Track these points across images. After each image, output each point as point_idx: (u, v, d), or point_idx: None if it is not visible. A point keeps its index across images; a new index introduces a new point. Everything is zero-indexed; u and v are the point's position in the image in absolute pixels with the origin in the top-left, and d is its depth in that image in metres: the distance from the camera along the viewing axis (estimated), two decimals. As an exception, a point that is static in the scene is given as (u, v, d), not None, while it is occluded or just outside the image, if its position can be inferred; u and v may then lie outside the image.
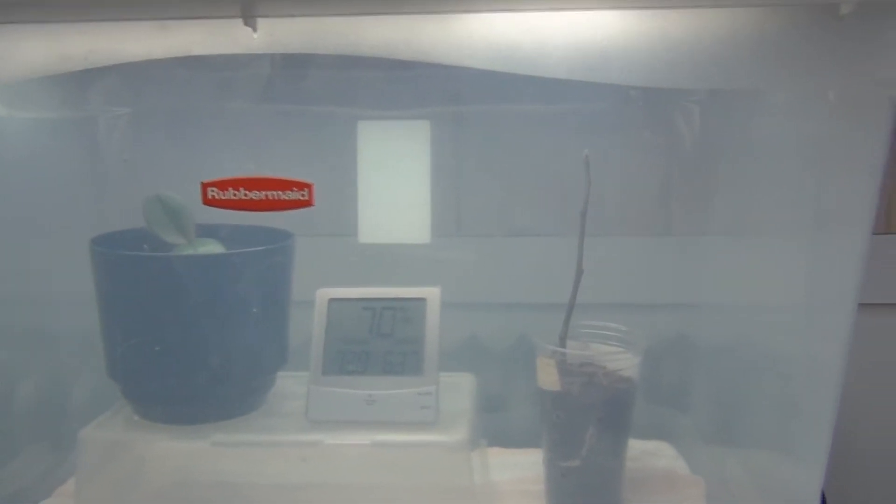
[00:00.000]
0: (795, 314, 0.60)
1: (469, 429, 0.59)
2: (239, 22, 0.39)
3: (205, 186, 0.48)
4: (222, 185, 0.48)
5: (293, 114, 0.83)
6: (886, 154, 0.44)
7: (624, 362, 0.65)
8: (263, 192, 0.48)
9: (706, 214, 0.80)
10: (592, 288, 0.71)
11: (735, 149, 0.72)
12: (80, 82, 0.73)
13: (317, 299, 0.62)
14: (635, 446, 0.77)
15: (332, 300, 0.62)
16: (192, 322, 0.60)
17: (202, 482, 0.59)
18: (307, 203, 0.49)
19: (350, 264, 0.75)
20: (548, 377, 0.66)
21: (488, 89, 0.83)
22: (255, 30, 0.40)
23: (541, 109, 0.85)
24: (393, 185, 0.84)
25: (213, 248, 0.61)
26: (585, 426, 0.64)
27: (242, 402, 0.63)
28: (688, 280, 0.81)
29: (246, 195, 0.48)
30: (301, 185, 0.48)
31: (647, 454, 0.77)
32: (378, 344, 0.60)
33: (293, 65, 0.77)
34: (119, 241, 0.61)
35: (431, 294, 0.61)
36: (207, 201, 0.49)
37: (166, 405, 0.62)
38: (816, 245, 0.54)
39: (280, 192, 0.48)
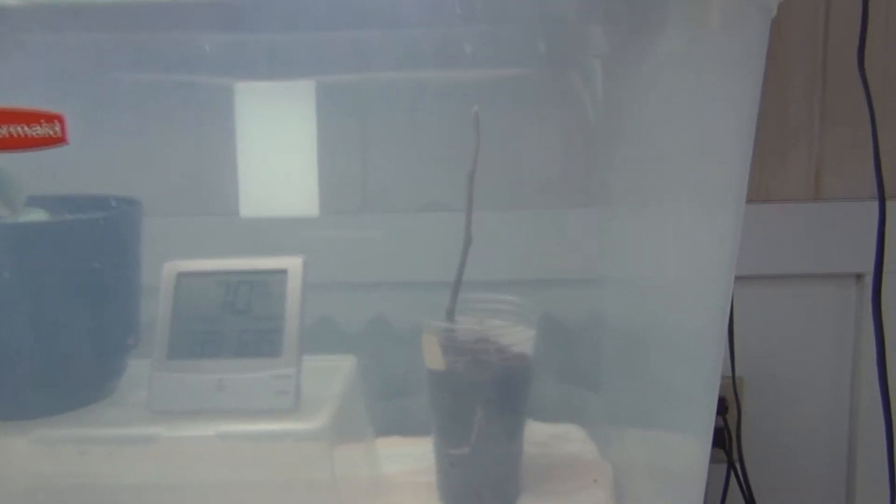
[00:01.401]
0: (687, 288, 0.55)
1: (334, 416, 0.52)
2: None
3: (-72, 121, 0.41)
4: (-50, 119, 0.40)
5: (166, 82, 0.75)
6: (760, 89, 0.38)
7: (515, 336, 0.59)
8: (3, 128, 0.40)
9: (612, 184, 0.75)
10: (495, 264, 0.66)
11: (634, 108, 0.67)
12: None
13: (163, 274, 0.55)
14: (543, 430, 0.71)
15: (180, 274, 0.55)
16: (19, 302, 0.52)
17: (28, 485, 0.52)
18: (59, 139, 0.41)
19: (232, 246, 0.68)
20: (432, 356, 0.59)
21: (395, 54, 0.77)
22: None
23: (444, 76, 0.80)
24: (276, 154, 0.77)
25: (38, 217, 0.53)
26: (473, 408, 0.58)
27: (83, 391, 0.55)
28: (596, 253, 0.76)
29: (-18, 133, 0.40)
30: (50, 118, 0.41)
31: (556, 438, 0.71)
32: (232, 323, 0.53)
33: (165, 26, 0.70)
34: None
35: (293, 265, 0.54)
36: (-69, 140, 0.41)
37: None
38: (701, 210, 0.49)
39: (25, 128, 0.40)
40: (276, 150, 0.77)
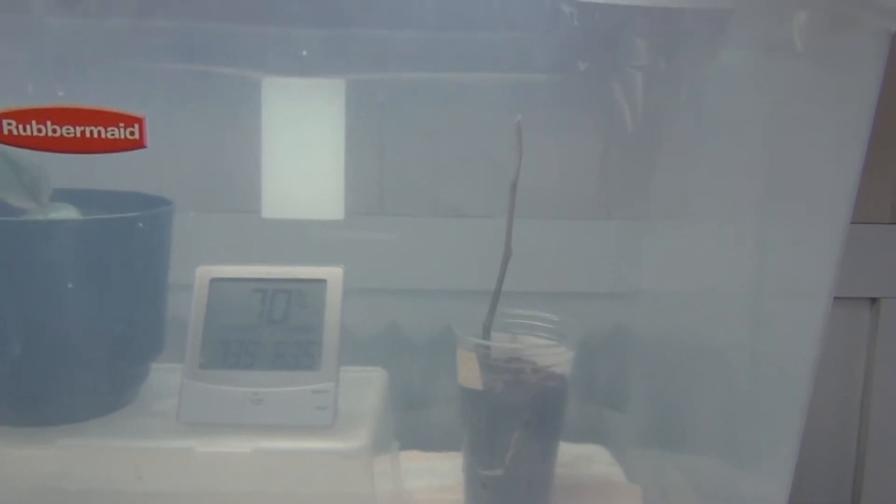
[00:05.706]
0: (745, 304, 0.53)
1: (373, 433, 0.50)
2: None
3: (-2, 118, 0.38)
4: (22, 116, 0.37)
5: (189, 73, 0.72)
6: (873, 113, 0.37)
7: (555, 357, 0.57)
8: (78, 128, 0.37)
9: (647, 196, 0.74)
10: (523, 275, 0.64)
11: (681, 121, 0.65)
12: None
13: (196, 278, 0.52)
14: (567, 451, 0.69)
15: (214, 280, 0.52)
16: (43, 303, 0.49)
17: (54, 492, 0.49)
18: (138, 144, 0.39)
19: (252, 245, 0.65)
20: (469, 373, 0.57)
21: (415, 54, 0.75)
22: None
23: (472, 79, 0.78)
24: (302, 153, 0.74)
25: (68, 213, 0.50)
26: (510, 430, 0.56)
27: (106, 398, 0.53)
28: (626, 267, 0.75)
29: (55, 131, 0.37)
30: (130, 120, 0.38)
31: (580, 459, 0.69)
32: (268, 333, 0.51)
33: (186, 16, 0.67)
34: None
35: (333, 275, 0.52)
36: (2, 137, 0.38)
37: (14, 403, 0.51)
38: (779, 230, 0.47)
39: (101, 129, 0.38)
40: (301, 148, 0.75)
